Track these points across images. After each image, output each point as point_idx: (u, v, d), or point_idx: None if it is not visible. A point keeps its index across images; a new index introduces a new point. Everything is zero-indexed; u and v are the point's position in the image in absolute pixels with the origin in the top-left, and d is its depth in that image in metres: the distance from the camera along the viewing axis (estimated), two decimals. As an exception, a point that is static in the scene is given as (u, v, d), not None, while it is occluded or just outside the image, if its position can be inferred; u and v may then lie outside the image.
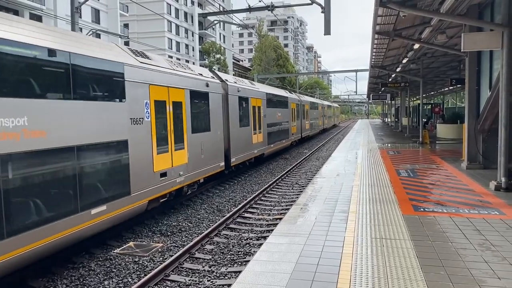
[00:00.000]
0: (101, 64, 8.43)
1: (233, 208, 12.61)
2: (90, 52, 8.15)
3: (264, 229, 10.29)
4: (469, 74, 13.55)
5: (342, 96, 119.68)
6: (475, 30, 12.04)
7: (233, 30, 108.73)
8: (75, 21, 14.93)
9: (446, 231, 6.89)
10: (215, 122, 14.62)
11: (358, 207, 8.65)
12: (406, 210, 8.33)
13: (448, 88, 40.17)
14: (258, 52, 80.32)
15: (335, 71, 68.96)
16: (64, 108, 7.38)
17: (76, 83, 7.69)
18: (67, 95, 7.48)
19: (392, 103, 57.30)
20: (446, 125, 28.43)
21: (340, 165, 15.34)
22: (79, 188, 7.62)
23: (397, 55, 22.13)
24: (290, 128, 28.72)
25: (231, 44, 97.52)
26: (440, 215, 7.89)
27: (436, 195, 9.71)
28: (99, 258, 8.49)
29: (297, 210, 8.63)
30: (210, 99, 14.28)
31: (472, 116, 13.48)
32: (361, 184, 11.31)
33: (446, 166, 14.41)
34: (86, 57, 7.99)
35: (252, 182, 17.03)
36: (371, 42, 17.12)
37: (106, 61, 8.61)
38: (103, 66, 8.52)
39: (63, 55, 7.42)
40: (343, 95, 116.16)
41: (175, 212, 12.06)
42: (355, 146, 23.23)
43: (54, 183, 7.08)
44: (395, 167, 14.24)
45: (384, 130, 42.08)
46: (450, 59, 23.17)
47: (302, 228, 7.32)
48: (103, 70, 8.51)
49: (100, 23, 47.71)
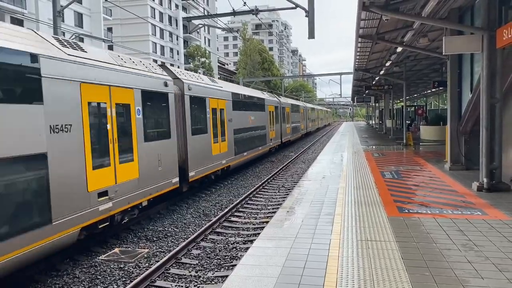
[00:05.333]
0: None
1: (219, 212, 12.56)
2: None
3: (251, 233, 10.26)
4: (450, 76, 13.79)
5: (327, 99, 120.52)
6: (456, 34, 12.25)
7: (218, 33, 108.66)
8: (57, 25, 14.74)
9: (430, 232, 6.97)
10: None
11: (343, 210, 8.70)
12: (391, 212, 8.40)
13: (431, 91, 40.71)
14: (243, 55, 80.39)
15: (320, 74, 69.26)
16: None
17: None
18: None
19: (376, 106, 57.88)
20: (429, 127, 28.82)
21: (326, 168, 15.41)
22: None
23: (381, 58, 22.39)
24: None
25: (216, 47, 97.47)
26: (424, 216, 7.99)
27: (420, 196, 9.82)
28: (83, 265, 8.36)
29: (284, 213, 8.64)
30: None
31: (455, 118, 13.70)
32: (347, 186, 11.38)
33: (430, 167, 14.60)
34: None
35: (238, 185, 16.99)
36: (355, 46, 17.29)
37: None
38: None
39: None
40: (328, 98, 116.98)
41: (160, 217, 11.96)
42: (340, 148, 23.38)
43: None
44: (380, 169, 14.36)
45: (369, 132, 42.45)
46: (433, 62, 23.52)
47: (288, 231, 7.33)
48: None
49: (83, 27, 47.21)
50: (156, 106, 11.54)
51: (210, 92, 15.87)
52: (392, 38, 16.84)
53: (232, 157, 18.04)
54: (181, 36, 72.61)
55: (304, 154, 29.11)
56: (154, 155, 11.03)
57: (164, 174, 11.53)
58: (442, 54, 11.50)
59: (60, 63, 7.71)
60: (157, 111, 11.58)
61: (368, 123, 75.40)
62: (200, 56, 68.64)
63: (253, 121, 22.34)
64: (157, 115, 11.59)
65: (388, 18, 11.53)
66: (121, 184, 9.42)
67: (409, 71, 26.18)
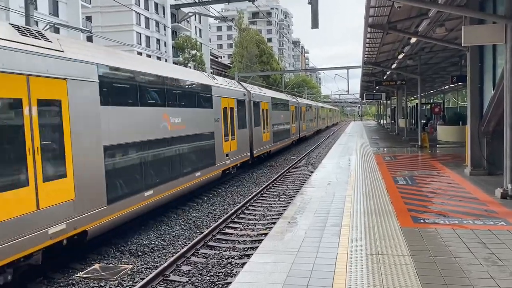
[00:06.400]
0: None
1: (212, 223, 12.55)
2: None
3: (248, 246, 10.26)
4: (471, 70, 13.81)
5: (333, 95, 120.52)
6: (476, 23, 12.29)
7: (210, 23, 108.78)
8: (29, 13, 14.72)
9: (448, 244, 6.98)
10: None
11: (351, 220, 8.70)
12: (404, 222, 8.41)
13: (449, 86, 40.84)
14: (239, 47, 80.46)
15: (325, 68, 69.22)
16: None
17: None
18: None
19: (387, 103, 58.01)
20: (447, 127, 28.92)
21: (332, 173, 15.43)
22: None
23: (392, 51, 22.44)
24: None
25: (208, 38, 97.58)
26: (442, 227, 7.99)
27: (437, 204, 9.83)
28: (59, 283, 8.33)
29: (285, 224, 8.64)
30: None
31: (475, 117, 13.72)
32: (355, 193, 11.39)
33: (448, 172, 14.63)
34: None
35: (233, 193, 16.99)
36: (364, 36, 17.33)
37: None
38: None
39: None
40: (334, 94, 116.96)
41: (146, 229, 11.94)
42: (348, 151, 23.41)
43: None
44: (392, 174, 14.39)
45: (379, 133, 42.53)
46: (450, 54, 23.60)
47: (290, 244, 7.32)
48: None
49: (59, 16, 47.14)
50: (241, 108, 20.73)
51: (261, 97, 25.24)
52: (405, 27, 16.89)
53: (272, 144, 27.13)
54: (169, 26, 72.60)
55: (307, 157, 29.13)
56: (241, 138, 20.28)
57: (245, 150, 21.09)
58: (461, 45, 11.54)
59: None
60: (242, 111, 20.86)
61: (379, 123, 75.56)
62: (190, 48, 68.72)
63: (282, 118, 31.03)
64: (241, 113, 20.79)
65: (400, 5, 11.56)
66: (233, 151, 18.97)
67: (424, 64, 26.26)
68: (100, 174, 9.53)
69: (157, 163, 12.20)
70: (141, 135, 11.35)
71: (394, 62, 24.75)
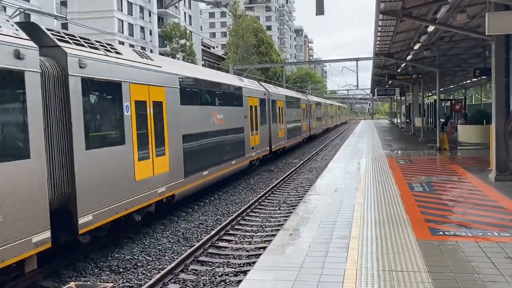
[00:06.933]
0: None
1: (204, 235, 12.53)
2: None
3: (244, 262, 10.24)
4: (496, 63, 13.84)
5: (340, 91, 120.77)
6: (502, 9, 12.31)
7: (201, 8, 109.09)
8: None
9: (471, 259, 6.98)
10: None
11: (361, 232, 8.70)
12: (421, 234, 8.41)
13: (471, 81, 40.99)
14: (234, 36, 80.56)
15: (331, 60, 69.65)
16: None
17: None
18: None
19: (402, 100, 58.12)
20: (469, 127, 28.95)
21: (339, 178, 15.44)
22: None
23: (407, 40, 22.50)
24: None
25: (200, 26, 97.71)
26: (463, 239, 8.00)
27: (458, 214, 9.84)
28: (29, 304, 8.30)
29: (286, 237, 8.63)
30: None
31: (501, 115, 13.74)
32: (365, 202, 11.40)
33: (470, 177, 14.65)
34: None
35: (227, 201, 16.98)
36: (375, 24, 17.36)
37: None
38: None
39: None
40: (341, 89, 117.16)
41: (129, 242, 11.91)
42: (357, 153, 23.44)
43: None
44: (407, 180, 14.41)
45: (393, 133, 42.62)
46: (473, 44, 23.66)
47: (291, 259, 7.32)
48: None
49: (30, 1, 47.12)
50: (262, 106, 25.47)
51: (278, 96, 30.42)
52: (422, 14, 16.92)
53: (286, 140, 32.00)
54: (154, 12, 72.54)
55: (311, 161, 29.16)
56: (262, 133, 25.05)
57: (266, 144, 25.82)
58: (485, 34, 11.57)
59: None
60: (263, 109, 25.61)
61: (392, 122, 75.71)
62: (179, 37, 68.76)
63: (294, 116, 35.71)
64: (263, 111, 25.53)
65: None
66: (257, 145, 23.55)
67: (443, 56, 26.33)
68: (180, 155, 14.55)
69: (209, 150, 17.41)
70: (200, 127, 16.55)
71: (409, 53, 24.82)
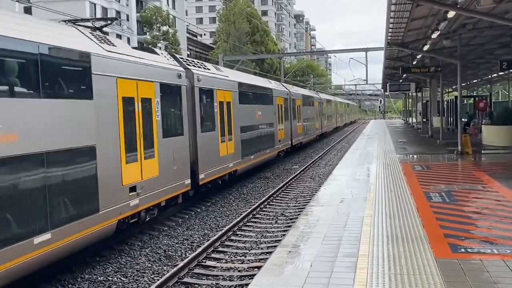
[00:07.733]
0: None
1: (189, 253, 12.50)
2: None
3: (235, 284, 10.23)
4: (525, 54, 13.91)
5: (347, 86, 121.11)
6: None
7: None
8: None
9: (497, 280, 6.99)
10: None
11: (371, 249, 8.70)
12: (440, 251, 8.42)
13: (497, 74, 41.12)
14: (224, 22, 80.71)
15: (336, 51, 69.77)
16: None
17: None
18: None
19: (418, 97, 58.31)
20: (495, 127, 29.02)
21: (345, 187, 15.47)
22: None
23: (424, 28, 22.55)
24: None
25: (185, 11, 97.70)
26: (489, 257, 8.01)
27: (483, 228, 9.86)
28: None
29: (284, 254, 8.63)
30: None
31: (532, 115, 13.81)
32: (376, 214, 11.41)
33: (496, 186, 14.71)
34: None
35: (216, 213, 16.96)
36: (387, 10, 17.39)
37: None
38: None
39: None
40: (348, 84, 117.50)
41: (101, 261, 11.87)
42: (366, 158, 23.48)
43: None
44: (424, 189, 14.44)
45: (408, 134, 42.71)
46: (500, 33, 23.74)
47: (291, 280, 7.31)
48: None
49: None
50: (285, 104, 33.20)
51: (297, 95, 38.76)
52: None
53: (303, 136, 39.83)
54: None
55: (313, 166, 29.21)
56: (286, 128, 32.73)
57: (288, 138, 33.49)
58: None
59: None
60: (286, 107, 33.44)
61: (406, 122, 75.88)
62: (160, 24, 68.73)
63: (309, 114, 43.63)
64: (286, 109, 33.34)
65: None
66: (282, 138, 31.58)
67: (465, 46, 26.39)
68: (239, 142, 22.23)
69: (254, 140, 25.29)
70: (249, 121, 24.50)
71: (426, 43, 24.80)
